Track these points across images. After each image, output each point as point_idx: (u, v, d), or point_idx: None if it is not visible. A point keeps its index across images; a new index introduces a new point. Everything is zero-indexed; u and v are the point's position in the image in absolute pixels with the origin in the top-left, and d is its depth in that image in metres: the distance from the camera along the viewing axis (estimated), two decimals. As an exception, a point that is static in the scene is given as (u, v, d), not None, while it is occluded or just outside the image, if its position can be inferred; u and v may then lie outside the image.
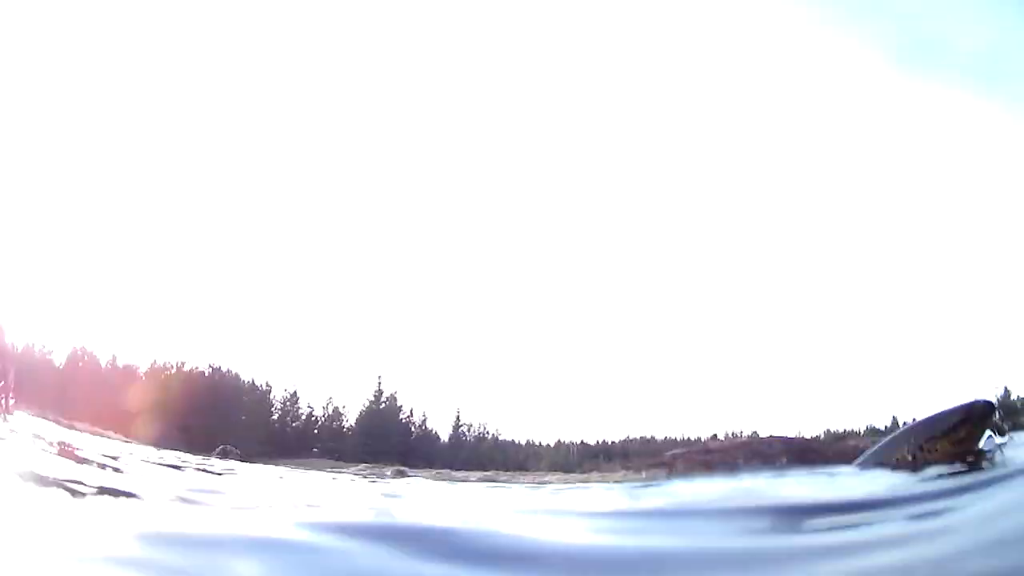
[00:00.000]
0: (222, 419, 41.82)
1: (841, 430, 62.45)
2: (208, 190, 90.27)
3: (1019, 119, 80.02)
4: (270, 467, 22.19)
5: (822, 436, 63.43)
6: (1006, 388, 51.53)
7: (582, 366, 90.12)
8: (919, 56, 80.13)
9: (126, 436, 30.04)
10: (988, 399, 8.23)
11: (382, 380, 57.87)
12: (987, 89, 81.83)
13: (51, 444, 11.04)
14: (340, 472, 32.81)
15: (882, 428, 63.91)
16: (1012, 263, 70.23)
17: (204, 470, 11.64)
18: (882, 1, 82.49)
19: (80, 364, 43.93)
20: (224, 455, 29.40)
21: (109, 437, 27.24)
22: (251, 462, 28.12)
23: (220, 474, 11.18)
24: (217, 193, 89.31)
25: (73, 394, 35.38)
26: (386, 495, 9.27)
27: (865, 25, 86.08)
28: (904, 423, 59.38)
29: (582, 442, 70.66)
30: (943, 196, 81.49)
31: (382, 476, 35.62)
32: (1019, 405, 51.58)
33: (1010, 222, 74.47)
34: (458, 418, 62.21)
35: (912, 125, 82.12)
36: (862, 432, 61.78)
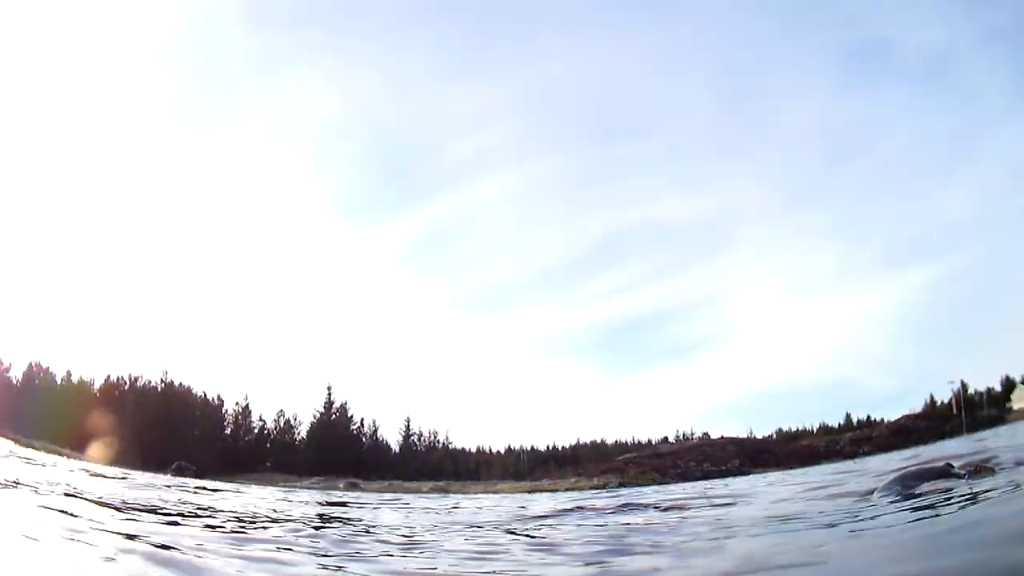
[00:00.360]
0: (176, 434, 42.11)
1: (793, 429, 64.30)
2: (155, 208, 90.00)
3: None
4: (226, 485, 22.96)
5: (775, 436, 62.65)
6: (962, 381, 54.58)
7: (529, 369, 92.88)
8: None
9: (82, 454, 31.03)
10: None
11: (332, 389, 57.75)
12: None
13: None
14: (294, 486, 33.80)
15: (835, 426, 62.72)
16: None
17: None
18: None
19: (36, 381, 43.82)
20: (179, 471, 30.69)
21: (66, 455, 28.33)
22: (205, 478, 29.38)
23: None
24: (164, 210, 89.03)
25: (30, 410, 35.76)
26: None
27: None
28: (857, 421, 60.92)
29: (533, 448, 72.18)
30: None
31: (335, 488, 36.92)
32: (976, 399, 53.07)
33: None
34: (408, 426, 62.57)
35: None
36: (815, 431, 63.52)
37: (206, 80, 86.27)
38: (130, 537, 4.36)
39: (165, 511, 6.57)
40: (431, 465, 55.94)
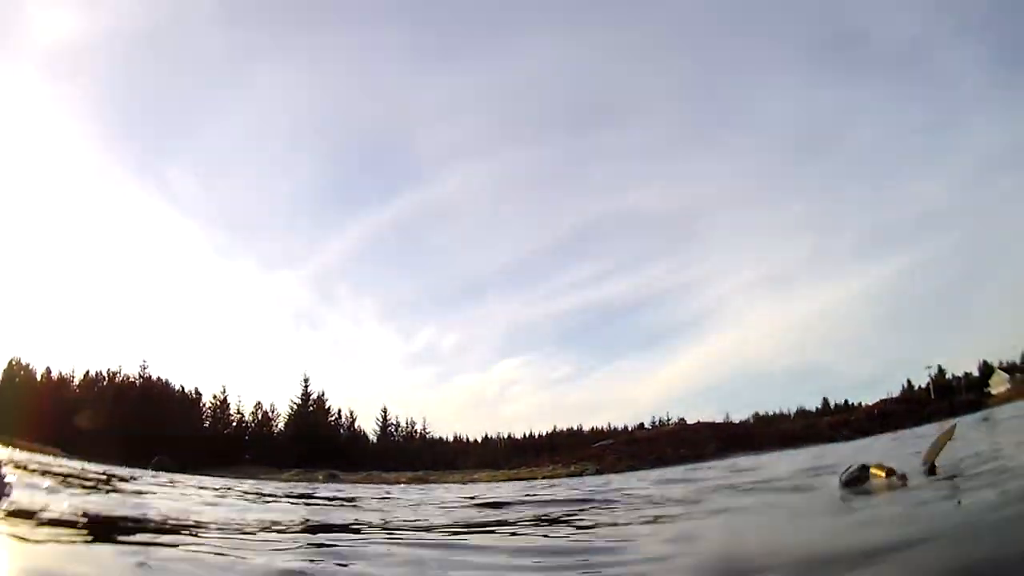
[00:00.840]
0: (155, 428, 42.08)
1: (771, 414, 68.13)
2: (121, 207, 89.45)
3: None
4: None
5: (751, 420, 65.57)
6: (939, 367, 55.42)
7: (504, 359, 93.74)
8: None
9: (67, 451, 31.49)
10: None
11: (309, 380, 58.42)
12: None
13: None
14: (273, 479, 34.39)
15: (813, 410, 65.68)
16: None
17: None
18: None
19: (16, 379, 43.35)
20: (160, 466, 31.31)
21: (52, 454, 28.82)
22: (186, 472, 29.96)
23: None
24: (130, 210, 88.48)
25: (12, 408, 35.55)
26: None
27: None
28: (835, 405, 60.81)
29: (510, 436, 73.20)
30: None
31: (314, 480, 37.59)
32: (954, 384, 54.03)
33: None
34: (385, 416, 63.48)
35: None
36: (792, 415, 66.61)
37: (179, 79, 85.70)
38: None
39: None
40: (409, 455, 56.57)
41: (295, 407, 57.35)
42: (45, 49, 74.32)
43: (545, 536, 5.32)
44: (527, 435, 73.27)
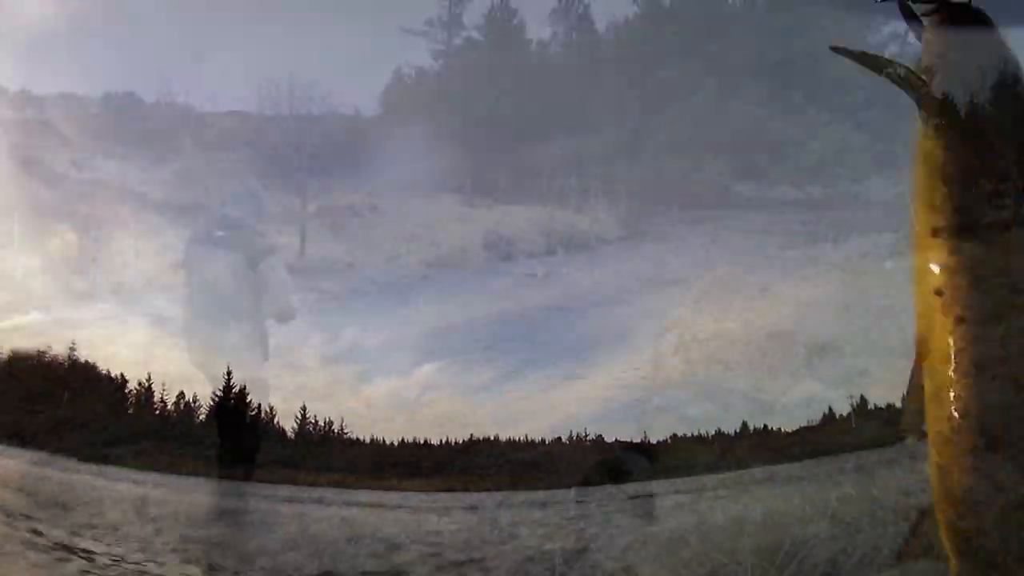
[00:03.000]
0: (79, 413, 42.22)
1: (690, 435, 72.78)
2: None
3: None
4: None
5: (670, 441, 71.17)
6: (862, 396, 58.49)
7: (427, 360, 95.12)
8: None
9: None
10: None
11: (231, 372, 58.30)
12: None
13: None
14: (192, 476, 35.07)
15: (732, 433, 71.39)
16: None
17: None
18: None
19: None
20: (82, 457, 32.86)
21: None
22: (107, 463, 31.79)
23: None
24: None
25: None
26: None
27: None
28: (754, 428, 63.94)
29: (426, 442, 75.02)
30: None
31: (232, 478, 39.33)
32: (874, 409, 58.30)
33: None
34: (304, 414, 63.93)
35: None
36: (711, 437, 71.62)
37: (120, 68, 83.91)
38: None
39: None
40: (327, 456, 57.93)
41: (216, 399, 57.56)
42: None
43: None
44: (443, 442, 74.65)
